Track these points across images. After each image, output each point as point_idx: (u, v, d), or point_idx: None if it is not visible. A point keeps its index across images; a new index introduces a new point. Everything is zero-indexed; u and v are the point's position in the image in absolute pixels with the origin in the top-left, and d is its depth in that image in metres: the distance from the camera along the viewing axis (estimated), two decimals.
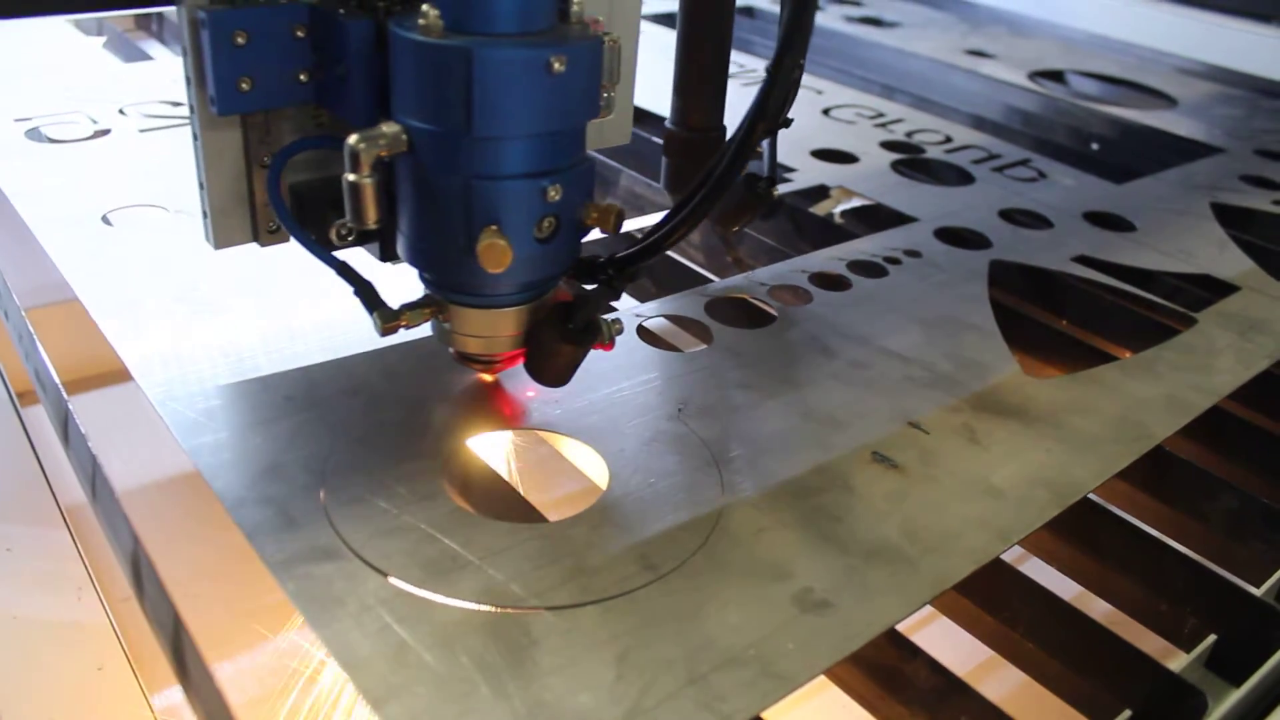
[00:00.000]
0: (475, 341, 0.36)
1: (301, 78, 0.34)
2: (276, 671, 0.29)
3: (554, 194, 0.33)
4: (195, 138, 0.35)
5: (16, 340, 0.46)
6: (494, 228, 0.32)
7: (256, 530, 0.31)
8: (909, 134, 0.74)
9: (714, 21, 0.44)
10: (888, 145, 0.71)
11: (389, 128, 0.32)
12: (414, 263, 0.35)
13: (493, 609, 0.29)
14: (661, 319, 0.45)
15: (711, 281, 0.50)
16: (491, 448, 0.37)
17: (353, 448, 0.35)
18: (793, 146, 0.68)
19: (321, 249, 0.36)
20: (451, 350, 0.37)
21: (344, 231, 0.36)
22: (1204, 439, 0.44)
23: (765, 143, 0.47)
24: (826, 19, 1.08)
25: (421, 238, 0.34)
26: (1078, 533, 0.38)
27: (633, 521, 0.33)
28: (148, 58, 0.83)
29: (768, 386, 0.41)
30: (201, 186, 0.36)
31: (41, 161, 0.57)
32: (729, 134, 0.46)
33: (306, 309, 0.44)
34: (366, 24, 0.33)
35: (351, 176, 0.32)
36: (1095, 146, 0.79)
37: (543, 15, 0.32)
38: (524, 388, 0.39)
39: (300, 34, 0.34)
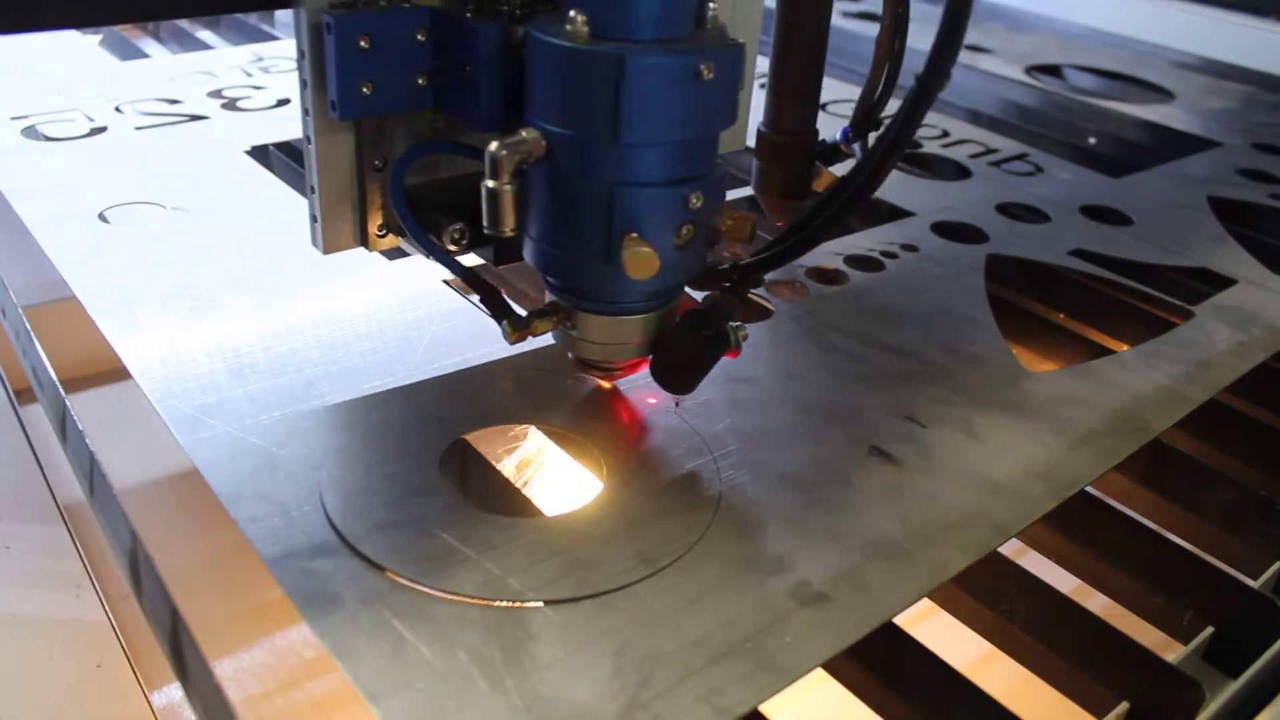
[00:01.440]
0: (600, 348, 0.36)
1: (420, 82, 0.34)
2: (275, 668, 0.29)
3: (695, 201, 0.33)
4: (308, 141, 0.35)
5: (14, 338, 0.46)
6: (635, 235, 0.32)
7: (254, 526, 0.31)
8: None
9: (812, 21, 0.44)
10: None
11: (529, 133, 0.32)
12: (543, 268, 0.35)
13: (490, 603, 0.29)
14: None
15: None
16: (489, 442, 0.37)
17: (351, 442, 0.35)
18: None
19: (446, 254, 0.36)
20: (571, 356, 0.37)
21: (456, 235, 0.36)
22: (1201, 432, 0.44)
23: (858, 148, 0.47)
24: None
25: (555, 244, 0.33)
26: (1075, 526, 0.38)
27: (630, 515, 0.33)
28: (144, 55, 0.83)
29: (765, 381, 0.41)
30: (311, 191, 0.36)
31: (38, 159, 0.57)
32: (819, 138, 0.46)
33: (304, 305, 0.44)
34: (497, 28, 0.33)
35: (491, 183, 0.32)
36: (1092, 141, 0.79)
37: (686, 21, 0.32)
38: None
39: (421, 37, 0.34)
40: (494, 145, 0.31)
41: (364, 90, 0.33)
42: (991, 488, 0.36)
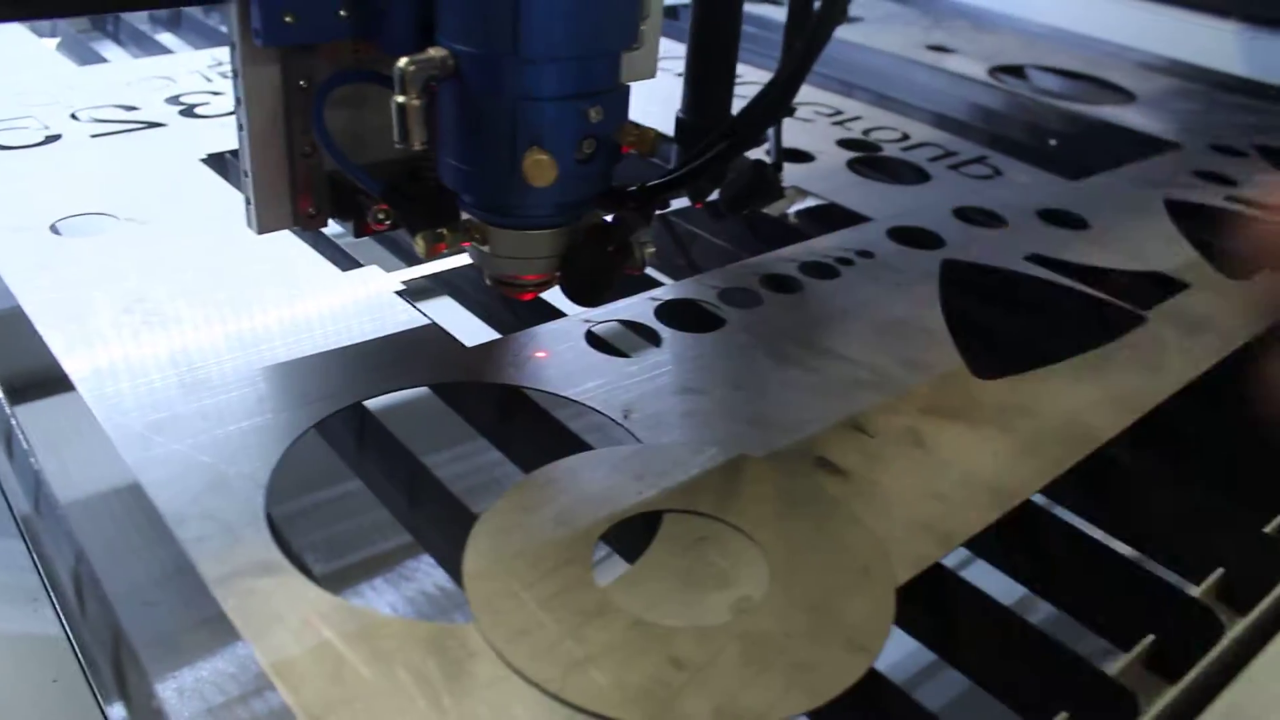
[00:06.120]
0: (511, 263, 0.38)
1: (341, 14, 0.36)
2: (217, 686, 0.29)
3: (596, 115, 0.35)
4: (240, 128, 0.38)
5: None
6: (537, 148, 0.34)
7: (199, 546, 0.31)
8: (866, 131, 0.74)
9: (727, 11, 0.46)
10: (844, 143, 0.71)
11: (436, 52, 0.34)
12: (456, 186, 0.37)
13: (431, 622, 0.29)
14: (612, 323, 0.45)
15: (662, 285, 0.50)
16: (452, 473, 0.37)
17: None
18: None
19: (366, 175, 0.38)
20: (487, 279, 0.39)
21: (381, 215, 0.39)
22: (1147, 438, 0.44)
23: (770, 130, 0.49)
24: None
25: (465, 160, 0.35)
26: (1019, 535, 0.39)
27: None
28: (102, 59, 0.83)
29: (715, 391, 0.41)
30: (245, 175, 0.38)
31: None
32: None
33: (258, 318, 0.44)
34: None
35: (400, 98, 0.34)
36: (1054, 142, 0.80)
37: None
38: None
39: None
40: (403, 62, 0.33)
41: (286, 19, 0.35)
42: (937, 498, 0.36)
